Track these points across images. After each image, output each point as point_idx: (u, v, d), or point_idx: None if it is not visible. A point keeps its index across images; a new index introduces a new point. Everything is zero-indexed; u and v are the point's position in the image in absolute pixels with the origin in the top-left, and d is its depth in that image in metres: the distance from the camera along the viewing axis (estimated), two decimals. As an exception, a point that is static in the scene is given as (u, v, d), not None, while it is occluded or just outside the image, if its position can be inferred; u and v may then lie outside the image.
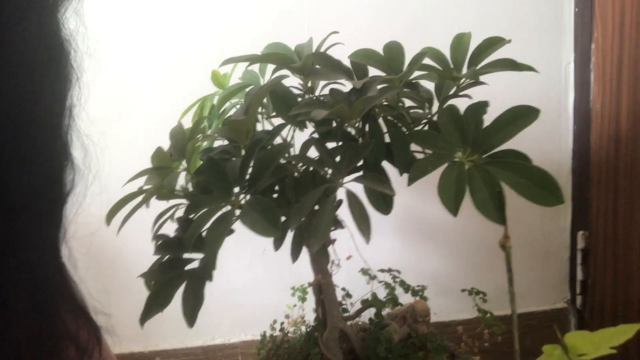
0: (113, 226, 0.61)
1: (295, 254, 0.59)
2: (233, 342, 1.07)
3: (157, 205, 0.64)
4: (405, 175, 0.56)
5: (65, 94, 0.34)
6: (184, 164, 0.65)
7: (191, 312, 0.51)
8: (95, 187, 0.39)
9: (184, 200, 0.66)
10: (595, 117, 0.94)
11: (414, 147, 0.60)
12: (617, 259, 0.92)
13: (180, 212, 0.65)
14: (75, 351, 0.37)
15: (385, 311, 0.82)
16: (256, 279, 1.07)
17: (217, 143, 0.70)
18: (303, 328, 0.86)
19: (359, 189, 0.58)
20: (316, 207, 0.56)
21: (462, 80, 0.61)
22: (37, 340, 0.32)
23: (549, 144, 1.03)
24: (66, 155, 0.35)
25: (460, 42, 0.63)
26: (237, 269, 1.05)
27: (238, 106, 0.69)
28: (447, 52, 0.64)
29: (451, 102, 0.62)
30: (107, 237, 0.70)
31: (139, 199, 0.62)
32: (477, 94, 0.61)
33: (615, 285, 0.93)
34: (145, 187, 0.63)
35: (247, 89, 0.67)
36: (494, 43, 0.62)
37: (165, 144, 0.67)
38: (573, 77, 0.99)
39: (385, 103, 0.64)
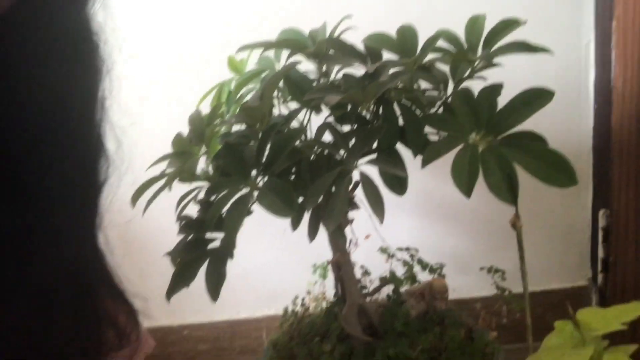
0: (148, 213, 0.64)
1: (312, 234, 0.62)
2: (257, 317, 1.11)
3: (182, 189, 0.67)
4: (420, 157, 0.57)
5: (97, 86, 0.35)
6: (203, 148, 0.67)
7: (214, 288, 0.55)
8: (128, 177, 0.42)
9: (205, 183, 0.69)
10: (616, 95, 0.92)
11: (428, 129, 0.61)
12: (638, 237, 0.92)
13: (201, 195, 0.68)
14: (114, 334, 0.38)
15: (404, 289, 0.84)
16: (278, 258, 1.10)
17: (235, 128, 0.73)
18: (324, 304, 0.89)
19: (373, 172, 0.60)
20: (332, 189, 0.58)
21: (476, 63, 0.61)
22: (79, 325, 0.34)
23: (569, 123, 1.01)
24: (100, 146, 0.36)
25: (474, 24, 0.63)
26: (259, 249, 1.09)
27: (254, 91, 0.71)
28: (461, 34, 0.64)
29: (466, 84, 0.63)
30: (143, 224, 0.73)
31: (161, 182, 0.65)
32: (494, 75, 0.61)
33: (637, 263, 0.93)
34: (168, 171, 0.66)
35: (262, 75, 0.69)
36: (508, 25, 0.62)
37: (182, 130, 0.70)
38: (593, 56, 0.97)
39: (400, 85, 0.65)
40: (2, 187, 0.30)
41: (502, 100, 0.58)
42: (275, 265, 1.10)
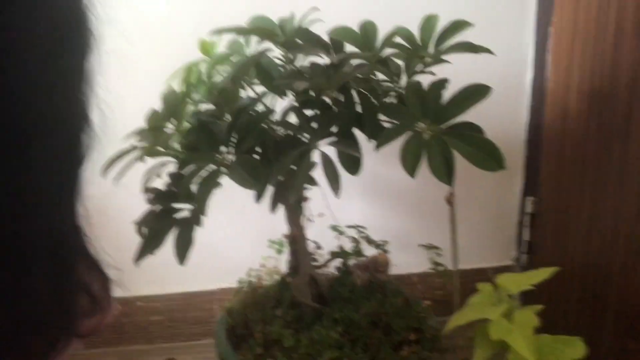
0: (128, 186, 0.67)
1: (274, 206, 0.67)
2: (211, 289, 1.15)
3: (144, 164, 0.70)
4: (373, 143, 0.64)
5: (83, 57, 0.35)
6: (173, 124, 0.71)
7: (182, 252, 0.59)
8: (109, 151, 0.44)
9: (170, 158, 0.73)
10: (549, 94, 1.03)
11: (382, 117, 0.68)
12: (558, 223, 1.04)
13: (167, 170, 0.72)
14: (88, 301, 0.40)
15: (351, 262, 0.92)
16: (235, 234, 1.14)
17: (202, 108, 0.76)
18: (277, 277, 0.95)
19: (332, 153, 0.66)
20: (294, 168, 0.64)
21: (427, 59, 0.68)
22: (55, 290, 0.35)
23: (507, 117, 1.12)
24: (84, 118, 0.36)
25: (428, 23, 0.70)
26: (217, 225, 1.11)
27: (223, 73, 0.75)
28: (416, 32, 0.71)
29: (418, 77, 0.70)
30: (122, 198, 0.74)
31: (132, 155, 0.68)
32: (445, 71, 0.67)
33: (555, 246, 1.05)
34: (139, 145, 0.69)
35: (232, 58, 0.73)
36: (458, 26, 0.69)
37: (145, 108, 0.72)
38: (532, 57, 1.08)
39: (359, 76, 0.71)
40: None
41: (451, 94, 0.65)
42: (232, 241, 1.14)
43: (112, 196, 0.65)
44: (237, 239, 1.14)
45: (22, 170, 0.31)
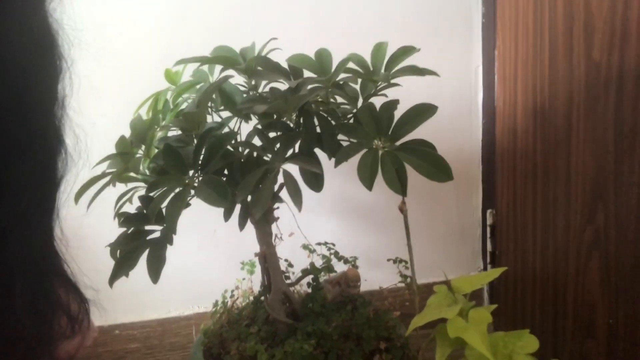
0: (103, 210, 0.69)
1: (242, 223, 0.71)
2: (187, 315, 1.17)
3: (117, 190, 0.73)
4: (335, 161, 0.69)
5: (56, 83, 0.36)
6: (141, 150, 0.75)
7: (155, 271, 0.62)
8: (84, 173, 0.45)
9: (141, 184, 0.76)
10: (499, 113, 1.11)
11: (341, 137, 0.73)
12: (516, 233, 1.10)
13: (137, 195, 0.75)
14: (66, 320, 0.40)
15: (322, 278, 0.95)
16: (207, 258, 1.17)
17: (171, 134, 0.80)
18: (251, 298, 0.98)
19: (295, 173, 0.70)
20: (259, 185, 0.68)
21: (379, 82, 0.74)
22: (34, 310, 0.35)
23: (462, 137, 1.19)
24: (59, 142, 0.37)
25: (379, 49, 0.76)
26: (189, 250, 1.15)
27: (189, 101, 0.79)
28: (368, 58, 0.77)
29: (373, 100, 0.76)
30: (98, 219, 0.76)
31: (104, 181, 0.71)
32: (401, 94, 0.73)
33: (515, 254, 1.11)
34: (109, 171, 0.73)
35: (197, 86, 0.78)
36: (406, 51, 0.75)
37: (116, 135, 0.75)
38: (481, 79, 1.16)
39: (319, 100, 0.77)
40: None
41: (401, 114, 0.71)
42: (205, 265, 1.17)
43: (89, 219, 0.68)
44: (210, 263, 1.16)
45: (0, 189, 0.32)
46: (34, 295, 0.35)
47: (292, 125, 0.75)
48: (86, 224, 0.69)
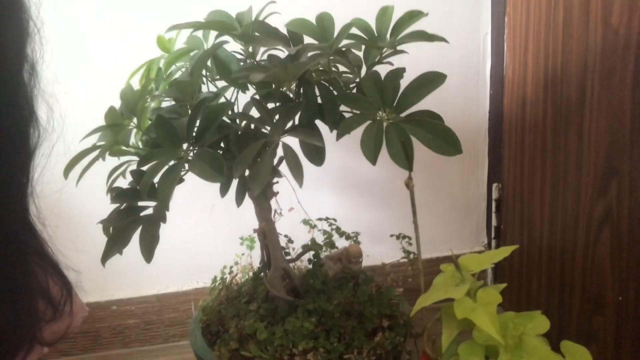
0: (80, 186, 0.66)
1: (239, 199, 0.68)
2: (186, 290, 1.15)
3: (110, 163, 0.70)
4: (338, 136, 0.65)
5: (23, 45, 0.33)
6: (134, 122, 0.71)
7: (148, 250, 0.59)
8: (59, 147, 0.40)
9: (134, 157, 0.73)
10: (507, 82, 1.06)
11: (343, 108, 0.69)
12: (522, 207, 1.07)
13: (130, 168, 0.71)
14: (46, 304, 0.38)
15: (324, 254, 0.92)
16: (206, 233, 1.14)
17: (164, 104, 0.76)
18: (250, 274, 0.95)
19: (295, 146, 0.66)
20: (258, 159, 0.64)
21: (384, 49, 0.70)
22: (9, 292, 0.33)
23: (469, 107, 1.15)
24: (30, 112, 0.35)
25: (384, 14, 0.71)
26: (188, 225, 1.13)
27: (183, 69, 0.75)
28: (373, 23, 0.72)
29: (377, 68, 0.71)
30: (74, 196, 0.73)
31: (94, 154, 0.68)
32: (406, 62, 0.69)
33: (522, 229, 1.08)
34: (99, 143, 0.69)
35: (191, 53, 0.73)
36: (413, 16, 0.70)
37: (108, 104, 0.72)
38: (490, 46, 1.10)
39: (320, 68, 0.72)
40: None
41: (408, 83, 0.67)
42: (203, 240, 1.14)
43: (75, 197, 0.64)
44: (209, 237, 1.14)
45: None
46: (10, 276, 0.33)
47: (291, 95, 0.71)
48: (64, 200, 0.66)
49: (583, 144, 0.86)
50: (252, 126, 0.67)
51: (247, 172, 0.70)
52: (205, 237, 1.14)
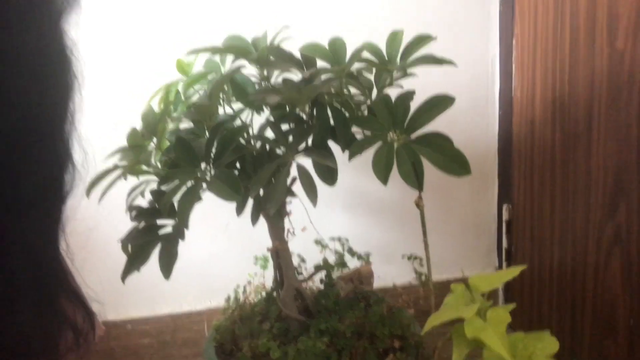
0: (110, 224, 0.68)
1: (254, 218, 0.69)
2: (199, 310, 1.16)
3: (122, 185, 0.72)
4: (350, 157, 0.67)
5: (68, 100, 0.36)
6: (153, 143, 0.73)
7: (167, 267, 0.61)
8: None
9: (152, 177, 0.75)
10: (516, 103, 1.08)
11: (355, 129, 0.71)
12: (533, 228, 1.07)
13: (149, 188, 0.73)
14: (72, 334, 0.40)
15: (335, 274, 0.93)
16: (220, 252, 1.16)
17: (182, 126, 0.79)
18: (263, 293, 0.96)
19: (309, 166, 0.68)
20: (272, 179, 0.66)
21: (395, 72, 0.72)
22: (39, 324, 0.35)
23: (478, 128, 1.16)
24: (68, 157, 0.37)
25: (394, 38, 0.74)
26: (202, 244, 1.14)
27: (201, 92, 0.78)
28: (383, 47, 0.75)
29: (388, 90, 0.74)
30: (104, 233, 0.76)
31: (115, 173, 0.70)
32: (416, 84, 0.71)
33: (532, 250, 1.08)
34: (120, 164, 0.71)
35: (209, 77, 0.76)
36: (422, 40, 0.73)
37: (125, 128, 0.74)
38: (498, 68, 1.13)
39: (333, 91, 0.75)
40: None
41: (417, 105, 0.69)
42: (217, 259, 1.16)
43: (96, 231, 0.67)
44: (223, 257, 1.15)
45: (10, 204, 0.33)
46: (40, 310, 0.36)
47: (305, 117, 0.73)
48: (93, 236, 0.68)
49: (591, 165, 0.87)
50: (267, 147, 0.70)
51: (261, 192, 0.72)
52: (219, 256, 1.15)
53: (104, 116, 1.03)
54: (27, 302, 0.34)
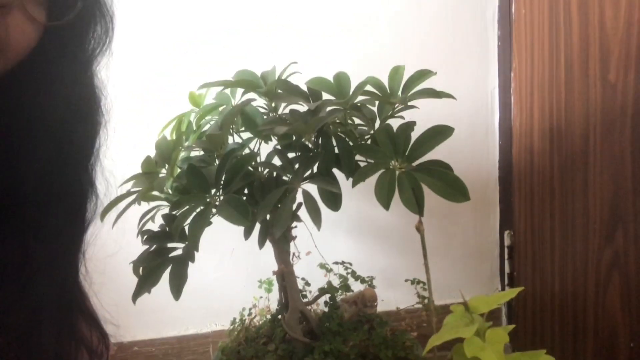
0: (127, 251, 0.72)
1: (261, 242, 0.72)
2: (205, 332, 1.18)
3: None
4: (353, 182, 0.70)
5: (96, 136, 0.39)
6: (164, 170, 0.77)
7: (177, 288, 0.63)
8: (112, 215, 0.47)
9: (164, 202, 0.78)
10: (515, 133, 1.11)
11: (358, 157, 0.75)
12: (534, 254, 1.09)
13: (159, 213, 0.77)
14: (87, 354, 0.43)
15: (339, 297, 0.96)
16: (225, 276, 1.18)
17: (192, 154, 0.82)
18: (268, 316, 0.98)
19: (314, 192, 0.72)
20: (279, 205, 0.69)
21: (396, 104, 0.76)
22: (59, 346, 0.37)
23: (479, 157, 1.20)
24: (92, 188, 0.40)
25: (396, 72, 0.78)
26: (208, 268, 1.17)
27: (211, 122, 0.82)
28: (386, 81, 0.79)
29: (390, 121, 0.77)
30: (122, 258, 0.79)
31: (129, 199, 0.74)
32: (418, 116, 0.74)
33: (534, 275, 1.10)
34: (134, 190, 0.75)
35: (220, 108, 0.80)
36: (423, 75, 0.76)
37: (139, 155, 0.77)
38: (498, 100, 1.17)
39: (337, 121, 0.79)
40: (10, 221, 0.34)
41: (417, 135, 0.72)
42: (223, 283, 1.18)
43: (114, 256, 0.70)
44: (228, 281, 1.18)
45: (38, 231, 0.35)
46: (59, 331, 0.37)
47: (310, 145, 0.77)
48: (112, 261, 0.71)
49: (589, 193, 0.90)
50: (274, 174, 0.73)
51: (267, 217, 0.75)
52: (225, 280, 1.18)
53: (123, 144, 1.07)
54: (47, 325, 0.36)
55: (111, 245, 0.66)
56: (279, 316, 0.89)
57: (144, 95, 1.09)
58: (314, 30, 1.13)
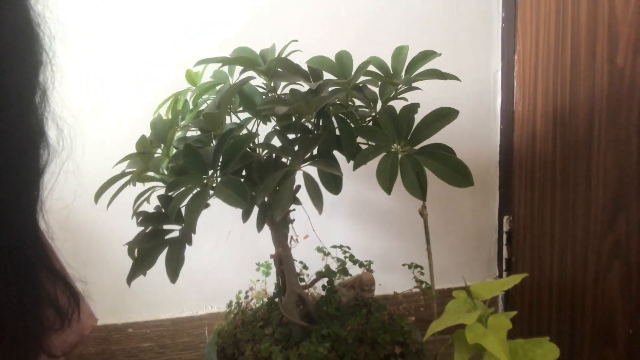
0: (85, 202, 0.70)
1: (260, 225, 0.71)
2: (200, 315, 1.17)
3: (131, 190, 0.73)
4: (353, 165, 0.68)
5: (36, 74, 0.36)
6: (160, 150, 0.75)
7: (173, 271, 0.62)
8: (69, 165, 0.42)
9: (159, 183, 0.76)
10: (517, 118, 1.10)
11: (359, 139, 0.73)
12: (533, 240, 1.08)
13: (155, 194, 0.75)
14: (54, 314, 0.40)
15: (337, 281, 0.95)
16: (221, 259, 1.17)
17: (189, 134, 0.80)
18: (265, 299, 0.97)
19: (314, 174, 0.70)
20: (277, 188, 0.68)
21: (399, 85, 0.74)
22: (18, 302, 0.35)
23: (480, 141, 1.18)
24: (40, 132, 0.37)
25: (399, 53, 0.76)
26: (204, 251, 1.16)
27: (208, 101, 0.80)
28: (389, 61, 0.76)
29: (392, 103, 0.75)
30: (82, 212, 0.76)
31: (123, 180, 0.72)
32: (420, 98, 0.72)
33: (532, 261, 1.09)
34: (128, 170, 0.73)
35: (217, 87, 0.78)
36: (427, 55, 0.74)
37: (134, 136, 0.74)
38: (500, 83, 1.15)
39: (338, 102, 0.77)
40: None
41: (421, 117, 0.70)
42: (219, 266, 1.17)
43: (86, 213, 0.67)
44: (224, 263, 1.17)
45: None
46: (17, 287, 0.35)
47: (310, 127, 0.75)
48: (72, 216, 0.68)
49: (592, 179, 0.88)
50: (274, 156, 0.71)
51: (266, 199, 0.74)
52: (221, 262, 1.17)
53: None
54: (6, 281, 0.33)
55: (68, 196, 0.62)
56: (276, 299, 0.88)
57: (139, 87, 1.06)
58: (315, 8, 1.09)
